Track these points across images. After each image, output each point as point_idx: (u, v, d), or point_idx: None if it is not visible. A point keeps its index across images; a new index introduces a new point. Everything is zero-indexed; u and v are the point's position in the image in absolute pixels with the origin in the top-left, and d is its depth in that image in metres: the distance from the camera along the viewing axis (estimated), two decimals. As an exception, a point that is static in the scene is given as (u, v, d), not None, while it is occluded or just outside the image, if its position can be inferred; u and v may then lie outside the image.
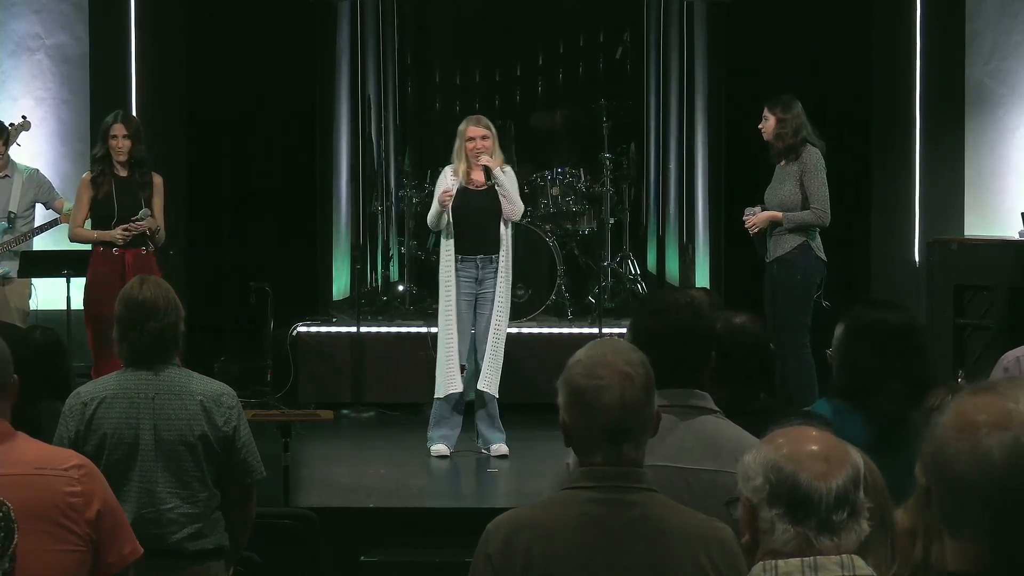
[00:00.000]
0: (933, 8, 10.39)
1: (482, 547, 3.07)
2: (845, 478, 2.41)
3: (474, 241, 8.38)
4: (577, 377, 3.04)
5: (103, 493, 3.45)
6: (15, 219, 9.14)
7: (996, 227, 9.92)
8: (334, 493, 7.74)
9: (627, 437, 3.04)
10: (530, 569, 3.00)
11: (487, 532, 3.08)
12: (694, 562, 3.00)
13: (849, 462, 2.43)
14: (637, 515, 3.02)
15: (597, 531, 3.01)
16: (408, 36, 12.32)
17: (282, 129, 11.43)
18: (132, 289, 4.70)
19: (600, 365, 3.05)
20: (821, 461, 2.42)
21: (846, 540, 2.40)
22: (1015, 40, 10.18)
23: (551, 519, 3.05)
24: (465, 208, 8.35)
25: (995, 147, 10.19)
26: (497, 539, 3.05)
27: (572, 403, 3.05)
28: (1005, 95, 10.19)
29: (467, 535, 5.51)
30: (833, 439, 2.47)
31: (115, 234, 8.29)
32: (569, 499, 3.06)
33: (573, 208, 10.91)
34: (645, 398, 3.06)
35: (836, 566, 2.38)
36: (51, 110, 10.27)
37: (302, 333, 10.15)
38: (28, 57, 10.26)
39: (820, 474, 2.41)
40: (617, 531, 3.01)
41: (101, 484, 3.47)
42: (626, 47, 11.93)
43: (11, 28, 10.26)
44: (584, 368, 3.05)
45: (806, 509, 2.40)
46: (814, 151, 8.42)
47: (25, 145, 9.75)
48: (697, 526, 3.08)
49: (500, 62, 12.46)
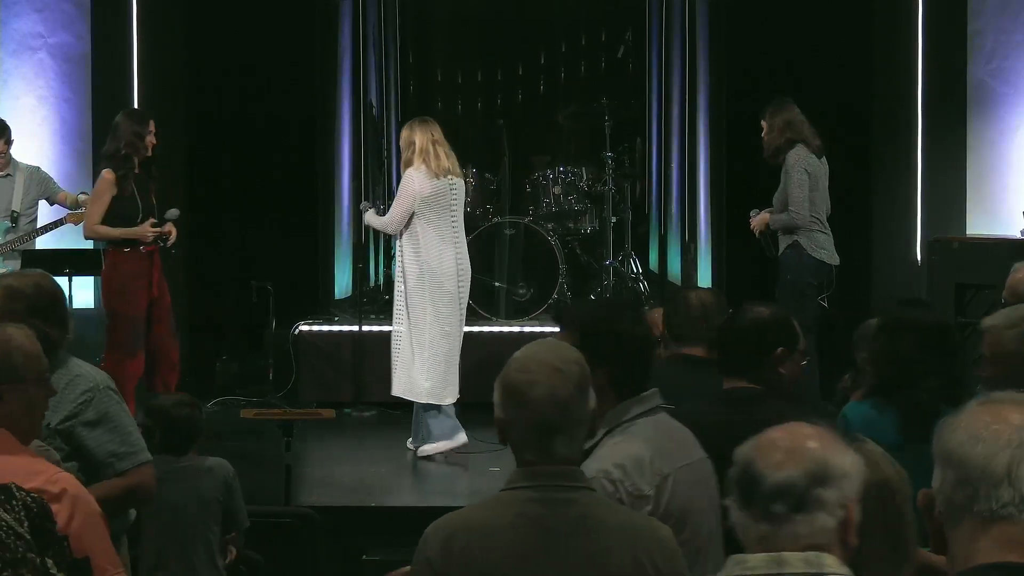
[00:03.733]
0: (934, 7, 10.38)
1: (421, 550, 3.09)
2: (799, 472, 2.40)
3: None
4: (510, 373, 3.06)
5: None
6: (18, 218, 9.15)
7: (998, 226, 9.92)
8: (335, 492, 7.74)
9: (558, 433, 3.02)
10: (468, 570, 3.00)
11: (425, 535, 3.09)
12: (633, 559, 3.00)
13: (816, 460, 2.41)
14: (575, 514, 3.02)
15: (535, 531, 3.00)
16: (409, 35, 12.33)
17: (283, 128, 11.43)
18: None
19: (532, 361, 3.06)
20: (780, 452, 2.42)
21: (783, 533, 2.38)
22: (1016, 39, 10.18)
23: (489, 520, 3.05)
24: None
25: (997, 146, 10.19)
26: (435, 542, 3.06)
27: (504, 399, 3.06)
28: (1007, 94, 10.19)
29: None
30: (830, 439, 2.46)
31: (146, 232, 8.32)
32: (507, 499, 3.06)
33: (575, 207, 10.91)
34: (578, 395, 3.04)
35: (801, 562, 2.37)
36: (53, 109, 10.27)
37: (304, 332, 10.15)
38: (30, 56, 10.26)
39: (772, 463, 2.41)
40: (555, 530, 3.00)
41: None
42: (628, 46, 11.93)
43: (13, 27, 10.27)
44: (518, 364, 3.07)
45: (750, 495, 2.41)
46: (796, 152, 8.51)
47: (27, 144, 9.76)
48: (634, 524, 3.09)
49: (502, 61, 12.47)
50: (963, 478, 2.20)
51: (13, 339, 3.57)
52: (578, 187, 10.89)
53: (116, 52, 10.38)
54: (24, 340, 3.58)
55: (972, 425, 2.23)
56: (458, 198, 8.38)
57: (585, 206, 10.95)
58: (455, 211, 8.36)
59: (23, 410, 3.53)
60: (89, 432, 4.28)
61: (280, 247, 11.06)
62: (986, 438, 2.20)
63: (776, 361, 4.27)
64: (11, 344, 3.55)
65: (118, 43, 10.38)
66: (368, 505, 7.38)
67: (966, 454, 2.21)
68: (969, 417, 2.25)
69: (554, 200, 10.85)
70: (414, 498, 7.78)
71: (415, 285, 8.26)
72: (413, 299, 8.28)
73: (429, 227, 8.24)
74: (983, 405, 2.27)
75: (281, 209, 11.27)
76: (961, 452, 2.21)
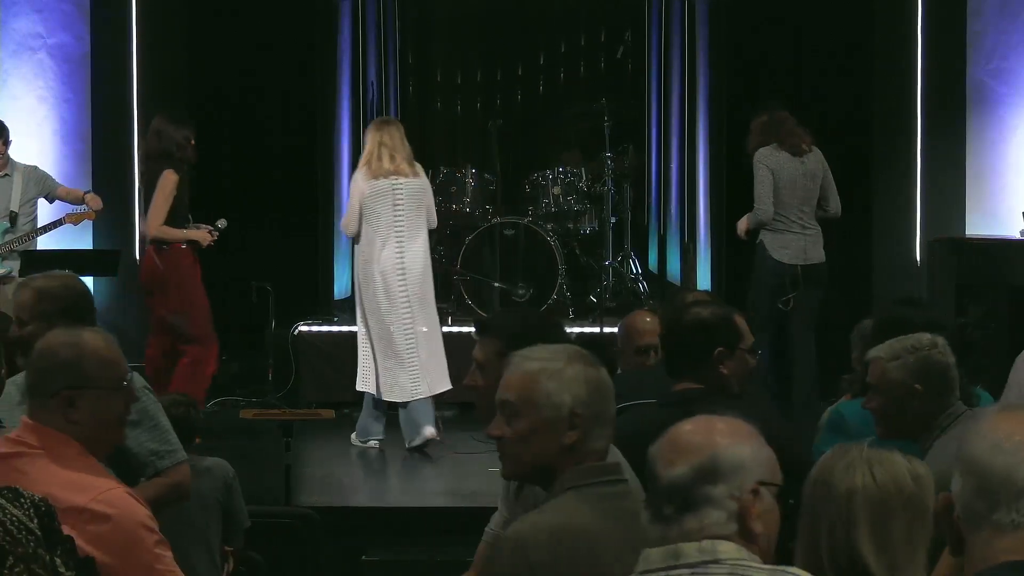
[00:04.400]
0: (934, 8, 10.38)
1: (518, 557, 2.97)
2: (686, 470, 2.41)
3: None
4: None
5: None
6: (16, 218, 9.15)
7: (997, 226, 9.92)
8: (335, 492, 7.74)
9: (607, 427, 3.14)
10: (578, 571, 2.97)
11: (523, 541, 2.98)
12: None
13: (705, 455, 2.42)
14: (633, 506, 3.06)
15: (623, 524, 3.01)
16: (409, 35, 12.34)
17: (283, 128, 11.43)
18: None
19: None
20: (673, 450, 2.45)
21: (673, 534, 2.40)
22: (1016, 40, 10.18)
23: (586, 520, 3.03)
24: None
25: (996, 146, 10.18)
26: (540, 547, 2.96)
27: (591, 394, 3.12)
28: (1006, 94, 10.18)
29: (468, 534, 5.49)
30: (732, 432, 2.47)
31: (205, 237, 8.68)
32: (582, 498, 3.06)
33: (574, 207, 10.91)
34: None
35: (695, 551, 2.38)
36: (52, 109, 10.26)
37: (303, 332, 10.15)
38: (30, 56, 10.26)
39: (665, 461, 2.44)
40: (634, 521, 3.04)
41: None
42: (627, 46, 11.93)
43: (13, 27, 10.26)
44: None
45: (650, 494, 2.45)
46: (760, 151, 8.78)
47: (27, 144, 9.76)
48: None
49: (501, 61, 12.47)
50: (984, 487, 2.22)
51: (87, 344, 3.45)
52: (577, 187, 10.89)
53: (116, 52, 10.37)
54: (99, 345, 3.47)
55: (994, 434, 2.24)
56: (404, 198, 8.46)
57: (584, 206, 10.95)
58: (399, 210, 8.45)
59: (95, 418, 3.41)
60: (130, 431, 4.30)
61: (280, 247, 11.06)
62: (1008, 449, 2.22)
63: (716, 361, 4.27)
64: (84, 349, 3.44)
65: (118, 43, 10.38)
66: (368, 505, 7.38)
67: (987, 464, 2.22)
68: (991, 425, 2.26)
69: (553, 200, 10.85)
70: (414, 498, 7.78)
71: (358, 284, 8.60)
72: (357, 297, 8.64)
73: (369, 227, 8.44)
74: (1005, 413, 2.29)
75: (281, 209, 11.26)
76: (982, 461, 2.23)
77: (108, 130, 10.35)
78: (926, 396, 4.13)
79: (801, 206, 8.77)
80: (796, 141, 8.80)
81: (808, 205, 8.80)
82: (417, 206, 8.51)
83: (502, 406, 3.13)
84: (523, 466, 3.14)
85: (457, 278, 10.46)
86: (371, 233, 8.45)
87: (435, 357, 8.53)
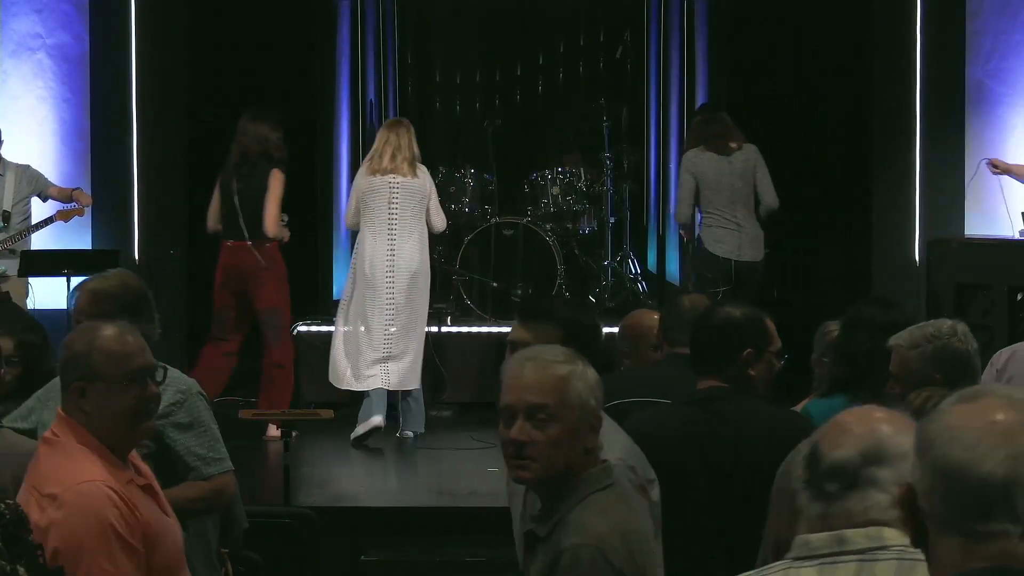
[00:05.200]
0: (933, 8, 10.38)
1: (602, 565, 2.98)
2: (854, 452, 2.40)
3: None
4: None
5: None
6: (9, 218, 9.16)
7: (996, 226, 9.92)
8: (334, 492, 7.74)
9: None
10: (642, 570, 3.02)
11: (601, 550, 2.98)
12: None
13: (872, 440, 2.40)
14: (642, 501, 3.25)
15: (650, 519, 3.17)
16: (408, 35, 12.33)
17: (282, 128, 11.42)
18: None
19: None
20: (841, 433, 2.42)
21: (836, 510, 2.38)
22: (1015, 39, 10.18)
23: (635, 519, 3.09)
24: None
25: (995, 146, 10.18)
26: (618, 552, 2.99)
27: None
28: (1005, 94, 10.18)
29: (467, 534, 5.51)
30: (898, 423, 2.44)
31: (285, 235, 8.98)
32: (617, 498, 3.10)
33: (573, 207, 10.91)
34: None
35: (862, 538, 2.36)
36: (52, 109, 10.26)
37: (302, 332, 10.14)
38: (29, 56, 10.26)
39: (831, 444, 2.41)
40: (652, 514, 3.30)
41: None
42: (626, 46, 11.93)
43: (12, 27, 10.26)
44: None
45: (812, 474, 2.41)
46: (684, 156, 9.26)
47: (25, 144, 9.76)
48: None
49: (500, 61, 12.47)
50: (948, 488, 1.95)
51: (99, 337, 3.49)
52: (576, 188, 10.89)
53: (115, 52, 10.37)
54: (111, 339, 3.49)
55: (961, 432, 1.95)
56: (400, 197, 8.66)
57: (584, 206, 10.94)
58: (394, 208, 8.66)
59: (104, 410, 3.44)
60: (179, 434, 4.35)
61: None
62: (969, 444, 1.93)
63: (744, 362, 4.28)
64: (95, 342, 3.48)
65: (117, 43, 10.38)
66: (366, 506, 7.38)
67: (948, 462, 1.95)
68: (955, 420, 1.97)
69: (552, 200, 10.85)
70: (413, 498, 7.78)
71: (350, 274, 8.91)
72: (346, 290, 8.93)
73: (365, 222, 8.72)
74: (967, 405, 1.99)
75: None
76: (942, 459, 1.95)
77: (107, 130, 10.34)
78: (946, 384, 4.12)
79: (732, 204, 9.08)
80: (721, 142, 9.05)
81: (741, 204, 9.09)
82: (413, 206, 8.65)
83: (531, 409, 3.09)
84: (553, 471, 3.09)
85: (456, 278, 10.46)
86: (366, 228, 8.70)
87: (409, 356, 8.67)
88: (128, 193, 10.28)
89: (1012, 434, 1.93)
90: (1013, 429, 1.94)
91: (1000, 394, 2.00)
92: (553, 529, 3.07)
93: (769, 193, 9.13)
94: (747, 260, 9.02)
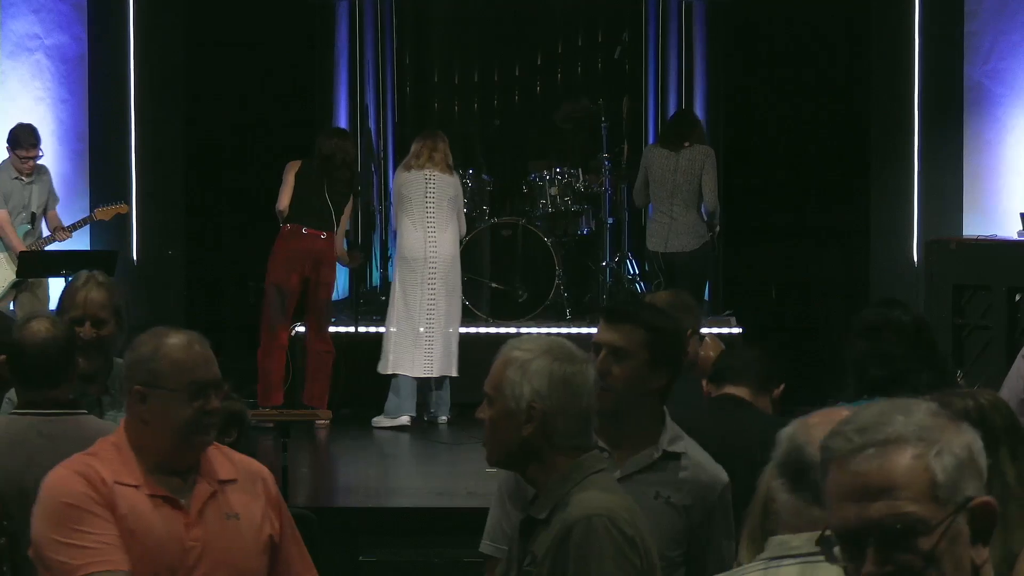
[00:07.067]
0: (931, 9, 10.39)
1: (616, 533, 3.04)
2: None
3: None
4: (552, 364, 3.17)
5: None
6: (36, 219, 9.32)
7: (995, 227, 9.92)
8: (332, 493, 7.74)
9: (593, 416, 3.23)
10: (647, 550, 3.09)
11: (611, 520, 3.05)
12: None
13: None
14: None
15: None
16: (406, 36, 12.33)
17: (281, 128, 11.43)
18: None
19: (568, 348, 3.25)
20: (809, 431, 2.41)
21: (812, 511, 2.35)
22: (1014, 40, 10.18)
23: (630, 499, 3.19)
24: None
25: (994, 147, 10.19)
26: (628, 522, 3.07)
27: (553, 390, 3.16)
28: (1004, 95, 10.19)
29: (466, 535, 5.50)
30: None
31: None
32: (611, 483, 3.21)
33: (571, 208, 10.90)
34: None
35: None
36: (50, 110, 10.26)
37: (301, 333, 10.13)
38: (27, 57, 10.26)
39: (804, 441, 2.40)
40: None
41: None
42: (625, 47, 11.93)
43: (10, 28, 10.26)
44: (558, 352, 3.25)
45: (800, 480, 2.40)
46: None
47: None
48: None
49: (499, 62, 12.46)
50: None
51: (165, 343, 3.40)
52: (574, 188, 10.88)
53: (113, 53, 10.38)
54: (177, 347, 3.40)
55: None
56: (435, 188, 9.24)
57: (582, 207, 10.94)
58: (431, 199, 9.24)
59: (161, 420, 3.36)
60: None
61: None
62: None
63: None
64: (160, 348, 3.39)
65: (115, 44, 10.38)
66: (365, 506, 7.38)
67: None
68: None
69: (550, 201, 10.84)
70: (411, 498, 7.78)
71: (396, 265, 9.39)
72: (394, 280, 9.38)
73: (404, 214, 9.28)
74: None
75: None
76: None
77: (106, 130, 10.35)
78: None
79: (671, 199, 9.52)
80: (673, 139, 9.57)
81: (679, 197, 9.48)
82: (448, 200, 9.24)
83: (486, 393, 3.23)
84: (493, 452, 3.20)
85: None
86: (405, 217, 9.26)
87: (448, 344, 9.13)
88: (126, 194, 10.28)
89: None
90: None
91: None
92: (553, 509, 3.11)
93: (710, 195, 9.53)
94: (673, 251, 9.33)
